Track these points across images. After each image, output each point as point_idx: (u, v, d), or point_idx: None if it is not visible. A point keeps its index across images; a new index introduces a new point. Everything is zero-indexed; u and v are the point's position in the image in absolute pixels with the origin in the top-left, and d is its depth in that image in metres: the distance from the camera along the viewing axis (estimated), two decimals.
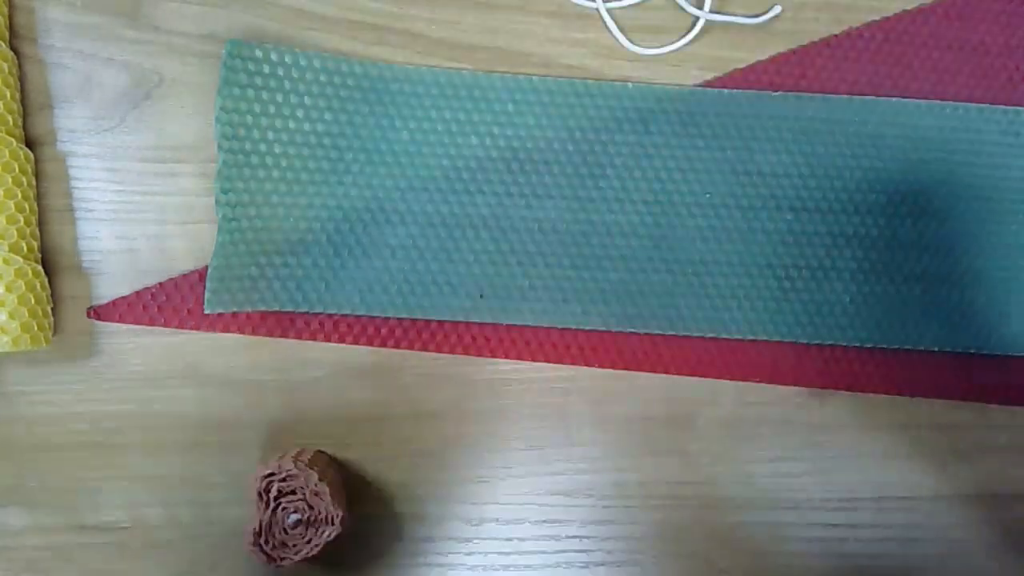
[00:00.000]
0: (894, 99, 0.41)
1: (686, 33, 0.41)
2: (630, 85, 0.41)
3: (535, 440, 0.41)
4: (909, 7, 0.42)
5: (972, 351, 0.41)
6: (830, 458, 0.42)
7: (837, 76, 0.42)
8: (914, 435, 0.42)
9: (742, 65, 0.42)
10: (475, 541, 0.41)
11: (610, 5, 0.41)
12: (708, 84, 0.41)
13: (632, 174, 0.41)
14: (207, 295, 0.37)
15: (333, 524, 0.36)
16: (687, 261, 0.41)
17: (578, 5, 0.41)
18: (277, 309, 0.39)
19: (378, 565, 0.41)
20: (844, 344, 0.41)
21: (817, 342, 0.41)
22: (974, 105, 0.41)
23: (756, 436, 0.42)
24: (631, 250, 0.41)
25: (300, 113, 0.39)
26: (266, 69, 0.38)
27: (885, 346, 0.41)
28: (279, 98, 0.39)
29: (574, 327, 0.41)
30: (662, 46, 0.41)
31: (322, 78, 0.39)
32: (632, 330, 0.41)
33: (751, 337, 0.41)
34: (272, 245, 0.39)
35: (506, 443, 0.41)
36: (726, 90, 0.41)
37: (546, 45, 0.41)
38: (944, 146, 0.41)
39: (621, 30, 0.41)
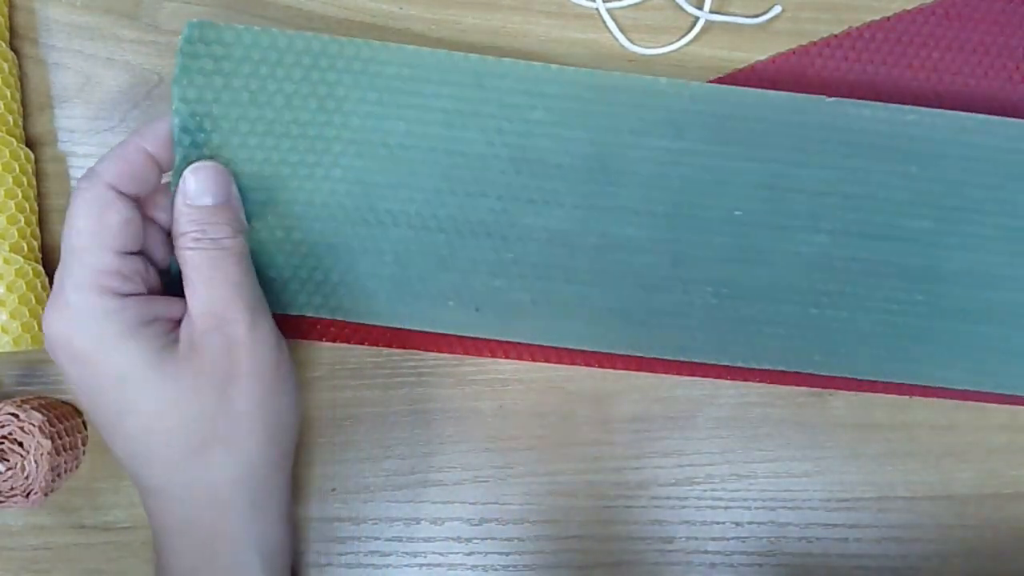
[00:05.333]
0: (960, 112, 0.37)
1: (686, 33, 0.41)
2: (663, 80, 0.36)
3: (535, 440, 0.41)
4: (909, 7, 0.42)
5: (1009, 393, 0.39)
6: (830, 458, 0.42)
7: (837, 76, 0.42)
8: (914, 435, 0.42)
9: (742, 65, 0.42)
10: (475, 541, 0.41)
11: (610, 5, 0.41)
12: (710, 83, 0.41)
13: (656, 183, 0.37)
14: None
15: (27, 497, 0.36)
16: (706, 282, 0.38)
17: (578, 5, 0.41)
18: (274, 311, 0.37)
19: (378, 565, 0.41)
20: (865, 379, 0.39)
21: (839, 374, 0.39)
22: None
23: (756, 436, 0.42)
24: (646, 268, 0.37)
25: (280, 100, 0.35)
26: (237, 53, 0.35)
27: (906, 382, 0.39)
28: (253, 85, 0.35)
29: (575, 347, 0.39)
30: (662, 46, 0.41)
31: (305, 60, 0.35)
32: (639, 354, 0.39)
33: (768, 367, 0.38)
34: (249, 246, 0.36)
35: (506, 443, 0.41)
36: (773, 92, 0.37)
37: (546, 45, 0.41)
38: (1011, 169, 0.37)
39: (621, 30, 0.41)
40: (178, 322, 0.33)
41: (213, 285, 0.32)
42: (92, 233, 0.32)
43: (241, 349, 0.32)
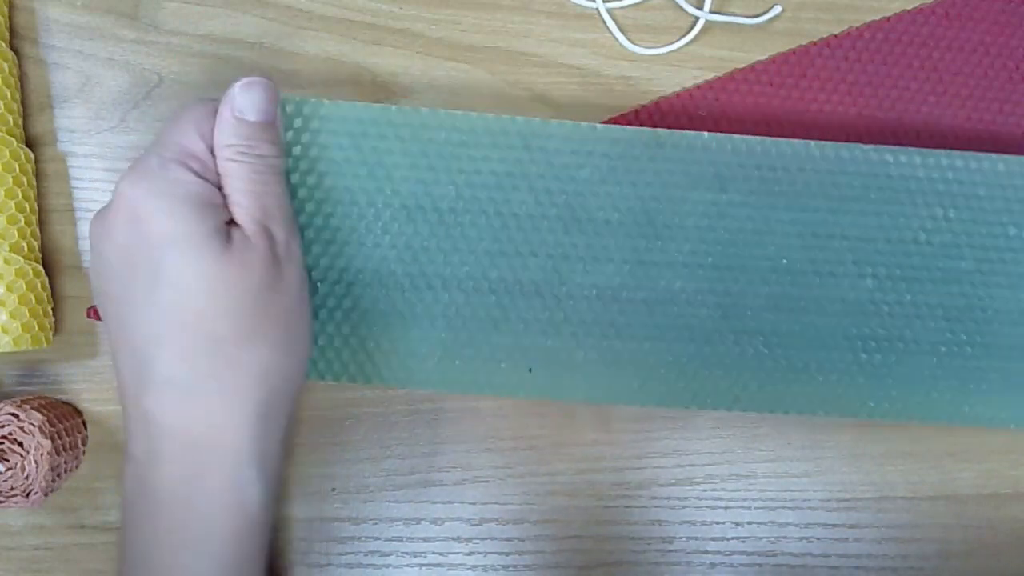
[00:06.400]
0: (992, 155, 0.38)
1: (686, 33, 0.41)
2: (706, 135, 0.37)
3: (535, 440, 0.41)
4: (909, 7, 0.42)
5: None
6: (830, 458, 0.42)
7: (837, 76, 0.42)
8: (914, 435, 0.42)
9: (742, 65, 0.42)
10: (475, 541, 0.41)
11: (610, 5, 0.41)
12: (708, 84, 0.41)
13: (704, 236, 0.37)
14: None
15: (27, 497, 0.36)
16: (756, 332, 0.38)
17: (578, 5, 0.41)
18: (312, 379, 0.37)
19: (377, 565, 0.41)
20: (917, 422, 0.39)
21: (890, 420, 0.39)
22: None
23: (756, 436, 0.42)
24: (697, 320, 0.37)
25: (332, 168, 0.36)
26: (296, 123, 0.35)
27: (957, 423, 0.39)
28: (311, 152, 0.36)
29: (629, 403, 0.38)
30: (662, 46, 0.41)
31: (356, 129, 0.36)
32: (694, 407, 0.38)
33: (819, 414, 0.38)
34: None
35: (506, 443, 0.41)
36: (812, 142, 0.37)
37: (546, 45, 0.41)
38: None
39: (621, 30, 0.41)
40: (229, 223, 0.33)
41: (260, 197, 0.33)
42: (188, 122, 0.33)
43: (283, 260, 0.33)
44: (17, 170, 0.38)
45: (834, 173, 0.37)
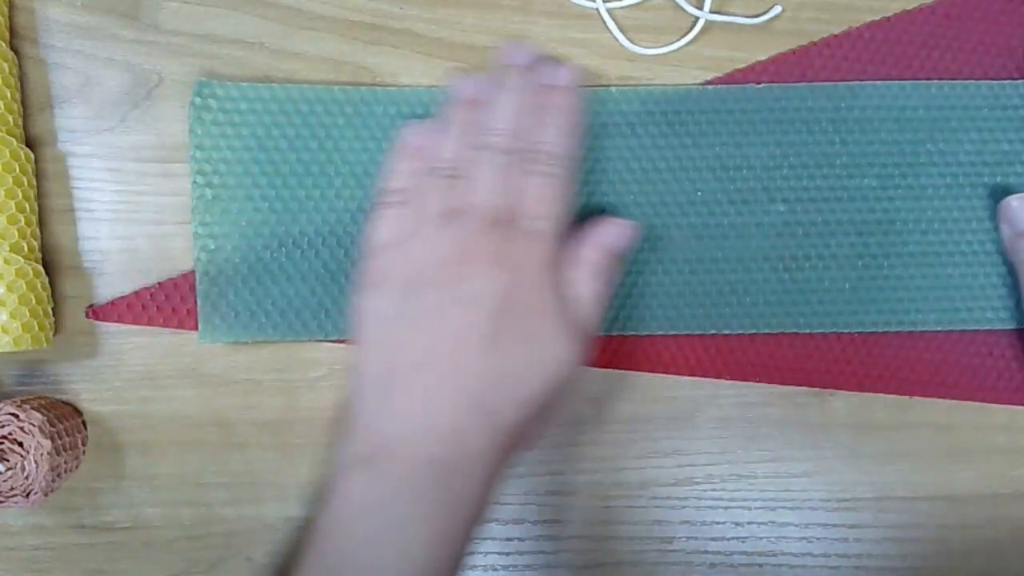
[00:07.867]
0: (878, 82, 0.41)
1: (686, 33, 0.41)
2: (613, 89, 0.41)
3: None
4: (909, 7, 0.42)
5: (973, 328, 0.41)
6: (830, 458, 0.42)
7: (837, 76, 0.42)
8: (914, 435, 0.42)
9: (742, 65, 0.42)
10: (475, 541, 0.41)
11: (610, 5, 0.41)
12: (708, 84, 0.41)
13: (623, 178, 0.41)
14: (200, 326, 0.39)
15: (27, 497, 0.36)
16: (683, 260, 0.41)
17: (578, 5, 0.41)
18: (277, 339, 0.40)
19: None
20: (846, 331, 0.41)
21: (820, 331, 0.41)
22: (960, 82, 0.41)
23: (756, 436, 0.42)
24: (628, 253, 0.40)
25: (283, 144, 0.39)
26: (242, 106, 0.39)
27: (886, 330, 0.41)
28: (260, 132, 0.39)
29: None
30: (662, 46, 0.41)
31: (303, 108, 0.39)
32: (632, 333, 0.41)
33: (752, 331, 0.41)
34: (267, 275, 0.39)
35: None
36: (709, 87, 0.41)
37: (546, 45, 0.41)
38: (933, 125, 0.41)
39: (621, 30, 0.41)
40: None
41: None
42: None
43: None
44: (17, 170, 0.38)
45: (732, 112, 0.41)
